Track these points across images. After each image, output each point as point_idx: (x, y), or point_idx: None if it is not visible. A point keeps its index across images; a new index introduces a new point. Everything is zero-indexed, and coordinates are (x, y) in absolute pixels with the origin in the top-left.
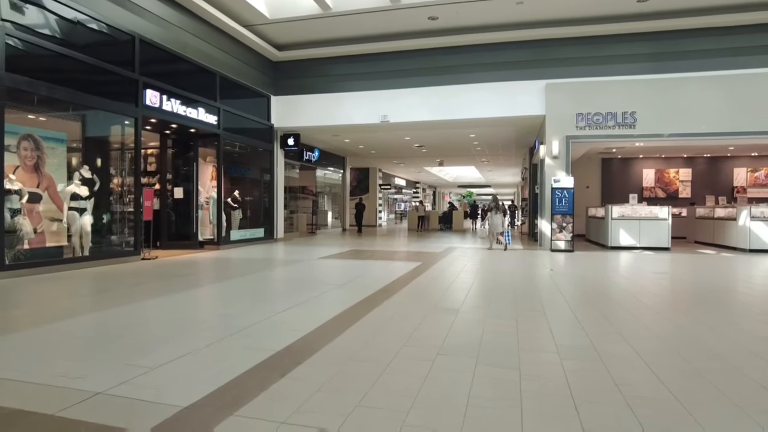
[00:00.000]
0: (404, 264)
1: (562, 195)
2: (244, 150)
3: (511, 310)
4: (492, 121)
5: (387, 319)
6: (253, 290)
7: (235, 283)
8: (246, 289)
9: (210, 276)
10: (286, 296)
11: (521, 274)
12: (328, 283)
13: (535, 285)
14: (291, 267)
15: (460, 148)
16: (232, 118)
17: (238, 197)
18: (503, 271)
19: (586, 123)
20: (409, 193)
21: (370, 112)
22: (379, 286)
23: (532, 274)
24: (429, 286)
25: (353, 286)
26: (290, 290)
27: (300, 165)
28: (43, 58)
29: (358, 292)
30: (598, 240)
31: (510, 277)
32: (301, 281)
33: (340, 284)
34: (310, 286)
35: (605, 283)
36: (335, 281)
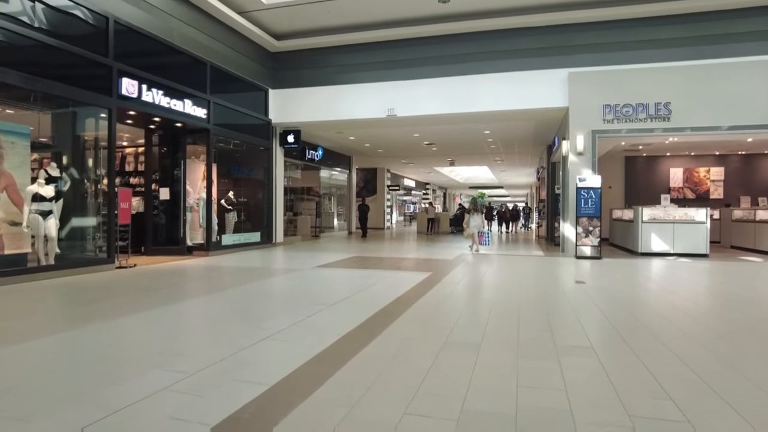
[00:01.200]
0: (411, 275)
1: (588, 196)
2: (239, 147)
3: (550, 346)
4: (508, 115)
5: (384, 361)
6: (225, 311)
7: (208, 300)
8: (218, 309)
9: (183, 290)
10: (262, 320)
11: (549, 288)
12: (320, 302)
13: (570, 304)
14: (281, 278)
15: (472, 146)
16: (225, 112)
17: (232, 198)
18: (527, 284)
19: (614, 115)
20: (419, 195)
21: (376, 105)
22: (380, 305)
23: (561, 287)
24: (440, 307)
25: (349, 305)
26: (270, 312)
27: (303, 165)
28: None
29: (354, 314)
30: (625, 245)
31: (537, 293)
32: (288, 298)
33: (334, 302)
34: (296, 305)
35: (655, 302)
36: (328, 298)
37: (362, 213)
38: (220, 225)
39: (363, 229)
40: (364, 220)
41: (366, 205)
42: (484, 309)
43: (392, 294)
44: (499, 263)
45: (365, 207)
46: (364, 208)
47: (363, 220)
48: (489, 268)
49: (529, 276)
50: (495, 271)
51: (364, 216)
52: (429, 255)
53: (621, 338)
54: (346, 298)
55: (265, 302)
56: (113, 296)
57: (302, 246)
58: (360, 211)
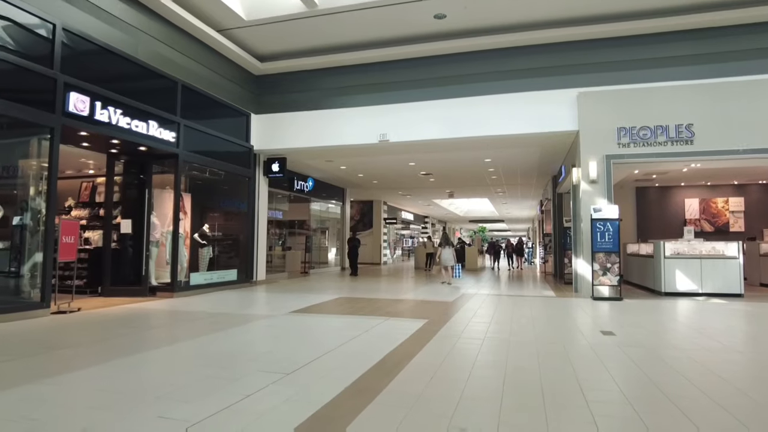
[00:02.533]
0: (402, 323)
1: (604, 228)
2: (216, 176)
3: None
4: (511, 140)
5: None
6: (140, 383)
7: (124, 364)
8: (131, 379)
9: (101, 348)
10: (177, 402)
11: (572, 342)
12: (276, 367)
13: (607, 370)
14: (241, 329)
15: (472, 177)
16: (198, 137)
17: (207, 232)
18: (545, 337)
19: (630, 139)
20: (417, 229)
21: (367, 130)
22: (355, 373)
23: (587, 342)
24: (437, 377)
25: (313, 373)
26: (199, 386)
27: (292, 196)
28: None
29: (314, 391)
30: (644, 283)
31: (559, 352)
32: (236, 361)
33: (295, 368)
34: (242, 372)
35: (723, 365)
36: (290, 361)
37: (352, 249)
38: (193, 261)
39: (353, 267)
40: (354, 257)
41: (357, 239)
42: (494, 380)
43: (374, 354)
44: (507, 307)
45: (356, 242)
46: (355, 243)
47: (353, 256)
48: (496, 314)
49: (544, 324)
50: (503, 317)
51: (354, 252)
52: (426, 295)
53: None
54: (312, 361)
55: (201, 369)
56: (21, 357)
57: (285, 285)
58: (350, 246)
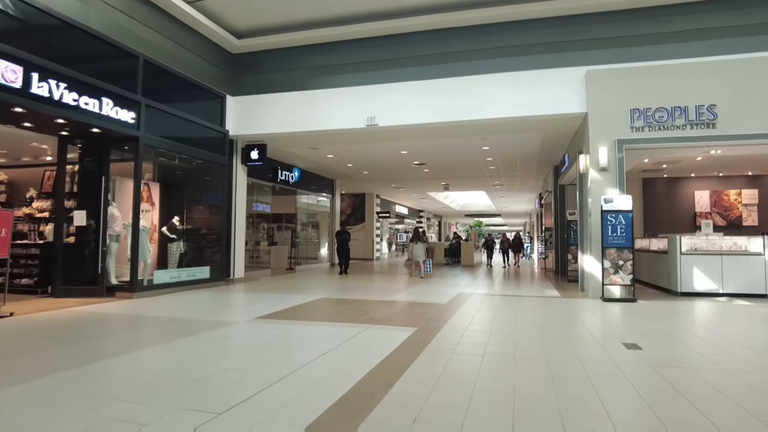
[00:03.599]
0: (386, 333)
1: (616, 221)
2: (187, 164)
3: None
4: (512, 125)
5: None
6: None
7: (9, 395)
8: (12, 422)
9: (4, 370)
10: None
11: (593, 361)
12: (205, 405)
13: (643, 399)
14: (190, 341)
15: (469, 168)
16: (164, 119)
17: (177, 225)
18: (558, 352)
19: (644, 122)
20: (412, 223)
21: (354, 113)
22: (311, 413)
23: (611, 360)
24: (420, 420)
25: (251, 413)
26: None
27: (277, 188)
28: None
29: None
30: (657, 282)
31: (578, 374)
32: (159, 391)
33: (229, 406)
34: (157, 412)
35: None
36: (226, 394)
37: (342, 244)
38: (161, 257)
39: (341, 264)
40: (344, 253)
41: (346, 232)
42: (500, 420)
43: (343, 381)
44: (508, 310)
45: (345, 235)
46: (344, 237)
47: (343, 252)
48: (496, 319)
49: (553, 333)
50: (505, 323)
51: (344, 247)
52: (418, 296)
53: None
54: (258, 393)
55: (108, 405)
56: None
57: (265, 284)
58: (338, 240)
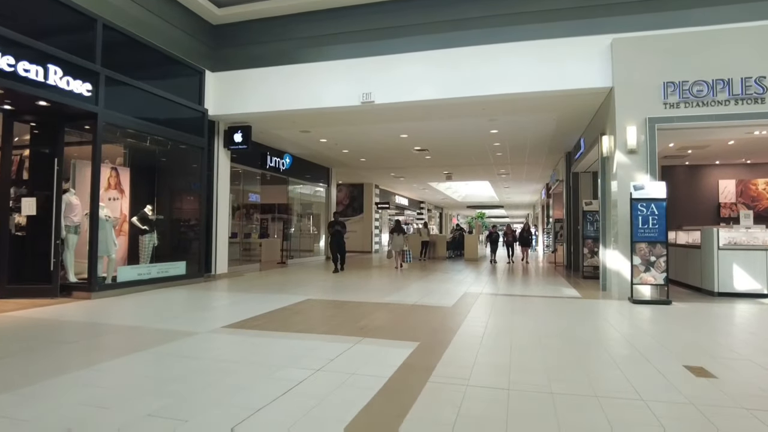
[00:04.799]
0: (381, 350)
1: (648, 211)
2: (161, 146)
3: None
4: (525, 102)
5: None
6: None
7: None
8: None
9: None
10: None
11: (658, 397)
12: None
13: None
14: (125, 363)
15: (474, 154)
16: (129, 94)
17: (149, 215)
18: (607, 384)
19: (680, 97)
20: (412, 215)
21: (348, 89)
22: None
23: (685, 396)
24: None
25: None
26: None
27: (268, 176)
28: None
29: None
30: (687, 280)
31: (646, 419)
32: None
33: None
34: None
35: None
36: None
37: (336, 236)
38: (133, 251)
39: (334, 260)
40: (337, 246)
41: (340, 223)
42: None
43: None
44: (525, 315)
45: (339, 227)
46: (338, 228)
47: (337, 246)
48: (514, 329)
49: (589, 349)
50: (526, 335)
51: (338, 239)
52: (419, 296)
53: None
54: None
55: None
56: None
57: (249, 280)
58: (331, 231)
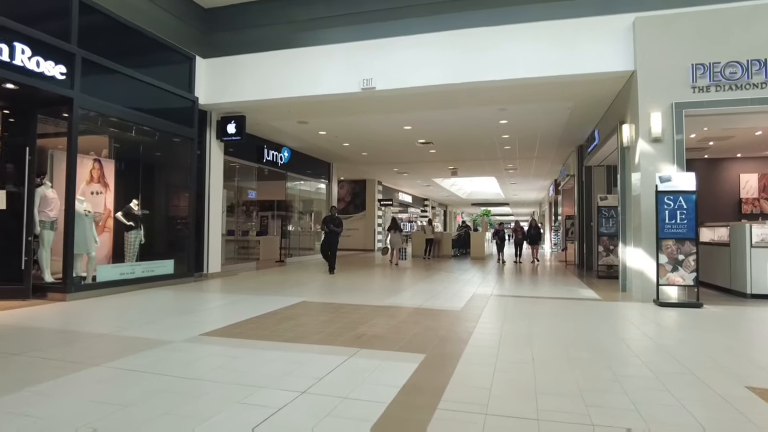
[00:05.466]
0: (381, 365)
1: (675, 205)
2: (149, 137)
3: None
4: (541, 88)
5: None
6: None
7: None
8: None
9: None
10: None
11: (711, 420)
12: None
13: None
14: (73, 381)
15: (481, 147)
16: (111, 79)
17: (135, 211)
18: (657, 409)
19: (711, 80)
20: (416, 212)
21: (347, 75)
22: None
23: (755, 428)
24: None
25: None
26: None
27: (266, 171)
28: None
29: None
30: (713, 280)
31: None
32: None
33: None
34: None
35: None
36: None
37: (330, 234)
38: (118, 249)
39: (326, 258)
40: (329, 245)
41: (336, 218)
42: None
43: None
44: (543, 320)
45: (334, 222)
46: (333, 225)
47: (328, 245)
48: (533, 337)
49: (626, 365)
50: (548, 345)
51: (331, 238)
52: (424, 298)
53: None
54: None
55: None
56: None
57: (242, 280)
58: (324, 228)
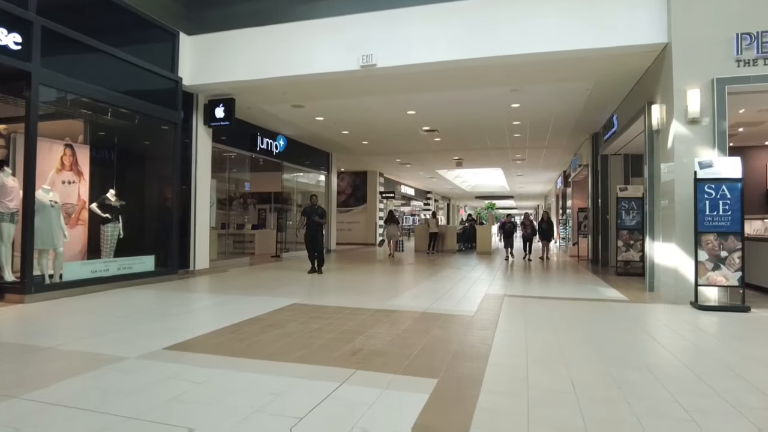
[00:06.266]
0: (381, 397)
1: (717, 195)
2: (127, 120)
3: None
4: (560, 64)
5: None
6: None
7: None
8: None
9: None
10: None
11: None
12: None
13: None
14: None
15: (490, 133)
16: (78, 52)
17: (112, 201)
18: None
19: (758, 52)
20: (419, 205)
21: (346, 51)
22: None
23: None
24: None
25: None
26: None
27: (261, 160)
28: None
29: None
30: (754, 280)
31: None
32: None
33: None
34: None
35: None
36: None
37: (312, 227)
38: (93, 243)
39: (311, 256)
40: (312, 240)
41: (318, 209)
42: None
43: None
44: (571, 327)
45: (316, 212)
46: (314, 215)
47: (312, 239)
48: (565, 351)
49: (690, 388)
50: (584, 362)
51: (313, 231)
52: (431, 300)
53: None
54: None
55: None
56: None
57: (231, 278)
58: (306, 221)
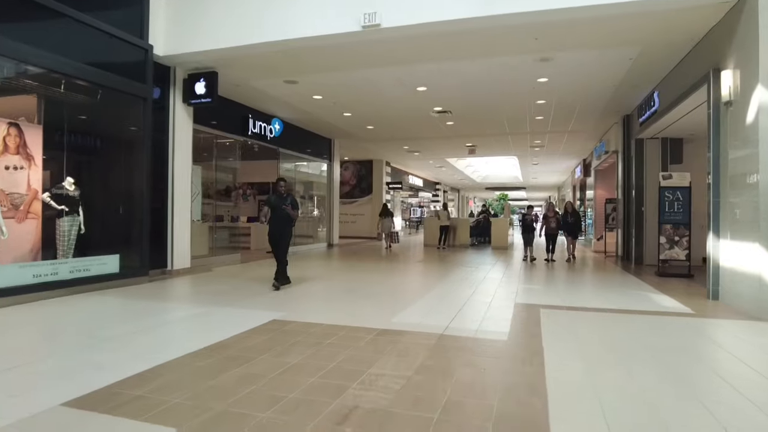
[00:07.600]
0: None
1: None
2: (88, 95)
3: None
4: (599, 24)
5: None
6: None
7: None
8: None
9: None
10: None
11: None
12: None
13: None
14: None
15: (509, 117)
16: (16, 8)
17: (69, 191)
18: None
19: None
20: (427, 196)
21: (344, 10)
22: None
23: None
24: None
25: None
26: None
27: (256, 147)
28: None
29: None
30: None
31: None
32: None
33: None
34: None
35: None
36: None
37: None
38: (48, 241)
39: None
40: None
41: (287, 196)
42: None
43: None
44: (644, 361)
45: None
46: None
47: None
48: (652, 406)
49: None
50: (687, 428)
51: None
52: (449, 314)
53: None
54: None
55: None
56: None
57: (211, 280)
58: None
